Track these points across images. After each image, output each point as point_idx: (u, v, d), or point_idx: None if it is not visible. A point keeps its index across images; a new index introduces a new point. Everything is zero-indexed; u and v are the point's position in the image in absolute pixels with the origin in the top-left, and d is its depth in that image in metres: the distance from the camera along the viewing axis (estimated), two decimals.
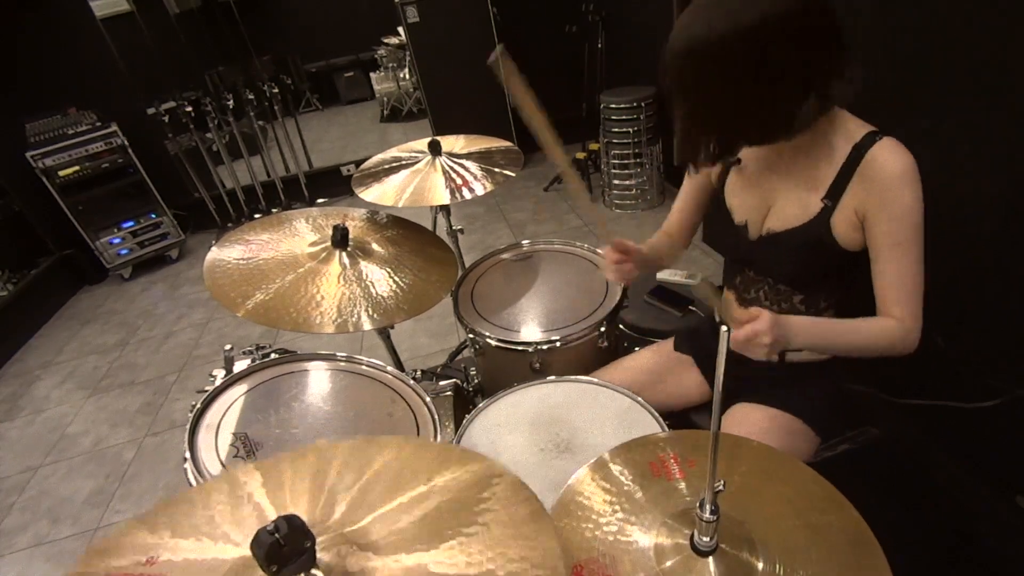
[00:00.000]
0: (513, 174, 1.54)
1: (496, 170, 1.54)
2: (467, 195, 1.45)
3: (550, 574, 0.48)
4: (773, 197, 0.97)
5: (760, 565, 0.61)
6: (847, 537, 0.63)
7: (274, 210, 4.15)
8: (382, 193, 1.48)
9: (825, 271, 0.96)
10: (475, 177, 1.51)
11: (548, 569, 0.49)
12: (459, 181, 1.50)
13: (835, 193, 0.88)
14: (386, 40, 5.79)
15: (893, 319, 0.89)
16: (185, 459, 0.98)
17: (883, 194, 0.84)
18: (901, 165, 0.82)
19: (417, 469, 0.61)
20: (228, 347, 1.24)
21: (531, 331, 1.33)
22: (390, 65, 5.93)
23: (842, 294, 0.99)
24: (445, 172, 1.53)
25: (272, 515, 0.58)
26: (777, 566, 0.60)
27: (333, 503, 0.59)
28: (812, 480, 0.70)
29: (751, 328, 0.81)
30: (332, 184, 4.45)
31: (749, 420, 1.04)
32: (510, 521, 0.53)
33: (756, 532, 0.64)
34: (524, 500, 0.56)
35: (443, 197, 1.45)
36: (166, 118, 3.73)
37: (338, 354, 1.23)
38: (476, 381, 1.56)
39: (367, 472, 0.62)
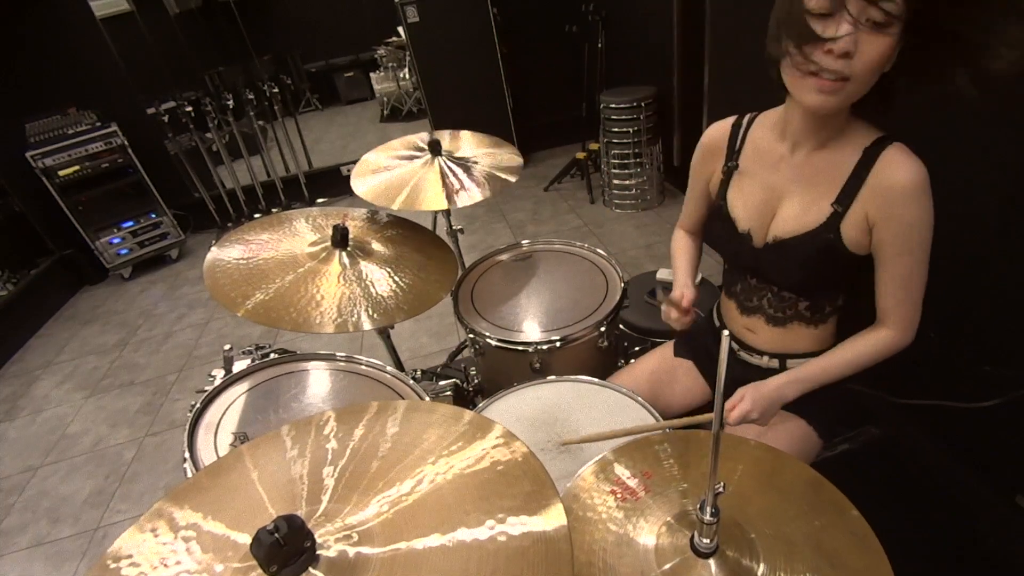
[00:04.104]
0: (513, 178, 1.53)
1: (497, 174, 1.53)
2: (465, 200, 1.44)
3: (557, 547, 0.48)
4: (778, 203, 0.95)
5: (761, 566, 0.61)
6: (849, 537, 0.63)
7: (274, 210, 4.15)
8: (382, 194, 1.47)
9: (833, 276, 0.95)
10: (476, 184, 1.50)
11: (555, 544, 0.49)
12: (456, 185, 1.49)
13: (845, 198, 0.87)
14: (387, 40, 5.80)
15: (885, 329, 0.92)
16: (185, 459, 0.98)
17: (893, 206, 0.83)
18: (912, 176, 0.81)
19: (420, 450, 0.61)
20: (228, 347, 1.24)
21: (531, 331, 1.32)
22: (390, 65, 5.93)
23: (846, 298, 0.98)
24: (443, 176, 1.52)
25: (266, 501, 0.58)
26: (778, 567, 0.60)
27: (328, 488, 0.59)
28: (813, 480, 0.70)
29: (739, 411, 0.90)
30: (332, 184, 4.46)
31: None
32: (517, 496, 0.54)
33: (756, 533, 0.64)
34: (528, 476, 0.56)
35: (440, 203, 1.44)
36: (166, 118, 3.74)
37: (338, 354, 1.23)
38: (476, 381, 1.56)
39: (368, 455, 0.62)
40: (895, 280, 0.89)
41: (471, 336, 1.39)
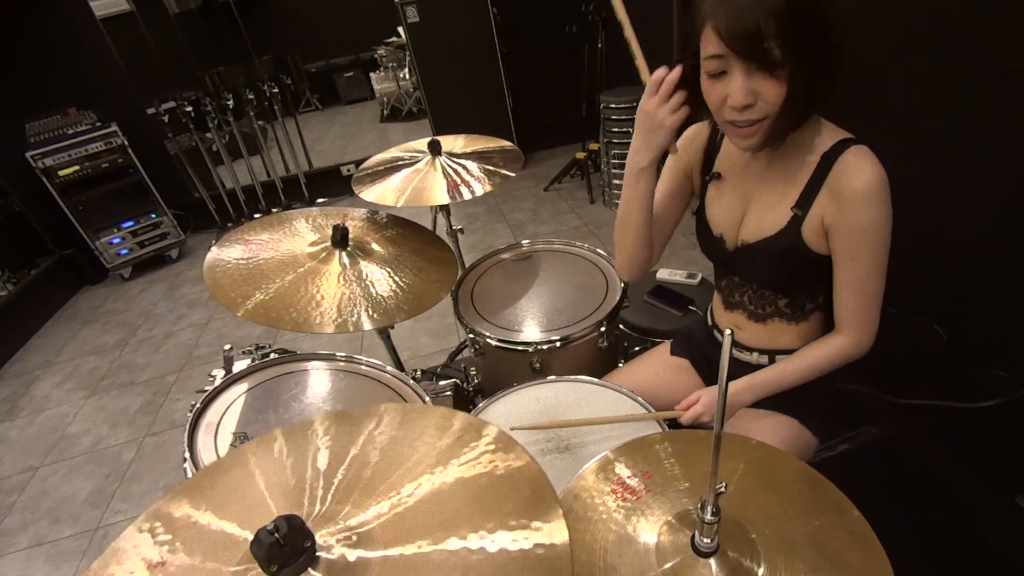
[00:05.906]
0: (513, 174, 1.54)
1: (496, 170, 1.54)
2: (467, 195, 1.45)
3: (557, 559, 0.48)
4: (747, 207, 0.96)
5: (761, 566, 0.61)
6: (849, 537, 0.63)
7: (274, 210, 4.15)
8: (382, 193, 1.47)
9: (804, 275, 0.95)
10: (475, 178, 1.51)
11: (555, 554, 0.49)
12: (458, 181, 1.50)
13: (804, 203, 0.87)
14: (387, 40, 5.80)
15: (841, 337, 0.93)
16: (185, 459, 0.98)
17: (846, 209, 0.83)
18: (866, 180, 0.80)
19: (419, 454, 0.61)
20: (228, 347, 1.24)
21: (531, 331, 1.32)
22: (390, 65, 5.93)
23: (826, 294, 0.98)
24: (445, 172, 1.53)
25: (271, 504, 0.58)
26: (779, 566, 0.60)
27: (328, 488, 0.59)
28: (813, 479, 0.70)
29: (692, 413, 0.94)
30: (332, 184, 4.46)
31: (744, 421, 1.04)
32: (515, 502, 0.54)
33: (757, 533, 0.64)
34: (528, 481, 0.56)
35: (442, 197, 1.45)
36: (166, 118, 3.74)
37: (338, 354, 1.23)
38: (476, 381, 1.56)
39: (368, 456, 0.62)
40: (849, 286, 0.88)
41: (471, 336, 1.39)
